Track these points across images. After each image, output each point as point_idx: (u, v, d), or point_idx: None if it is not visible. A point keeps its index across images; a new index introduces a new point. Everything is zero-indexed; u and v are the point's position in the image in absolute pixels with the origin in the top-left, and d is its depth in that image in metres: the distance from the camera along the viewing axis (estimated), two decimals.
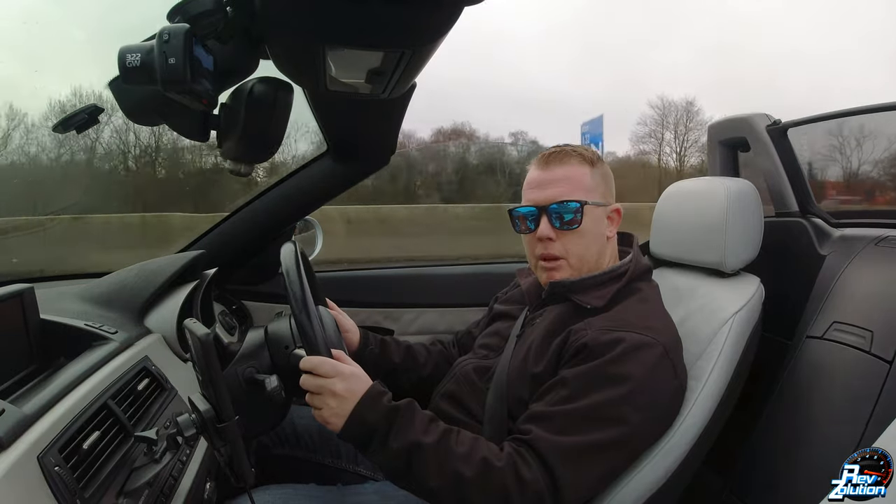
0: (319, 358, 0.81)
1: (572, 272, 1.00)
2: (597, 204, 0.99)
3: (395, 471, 0.82)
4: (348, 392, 0.80)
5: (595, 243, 1.00)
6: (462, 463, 0.79)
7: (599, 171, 1.01)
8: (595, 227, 0.99)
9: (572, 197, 0.97)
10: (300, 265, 0.86)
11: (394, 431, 0.80)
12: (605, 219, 1.01)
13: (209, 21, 0.59)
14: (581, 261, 0.99)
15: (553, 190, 0.98)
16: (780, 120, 1.33)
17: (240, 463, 0.72)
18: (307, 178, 1.49)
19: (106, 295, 1.14)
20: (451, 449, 0.81)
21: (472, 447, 0.82)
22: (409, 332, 1.67)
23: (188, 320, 0.74)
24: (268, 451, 1.18)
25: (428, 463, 0.79)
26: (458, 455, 0.80)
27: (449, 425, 0.85)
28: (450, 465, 0.79)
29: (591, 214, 0.98)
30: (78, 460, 0.69)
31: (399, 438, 0.80)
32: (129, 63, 0.56)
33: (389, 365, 1.16)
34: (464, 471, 0.79)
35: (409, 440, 0.80)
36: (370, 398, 0.81)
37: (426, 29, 0.59)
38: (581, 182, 0.98)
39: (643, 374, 0.85)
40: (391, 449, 0.80)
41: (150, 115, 0.73)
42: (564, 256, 0.99)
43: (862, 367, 0.96)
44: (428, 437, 0.81)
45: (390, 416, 0.81)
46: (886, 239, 1.12)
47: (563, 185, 0.98)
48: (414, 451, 0.79)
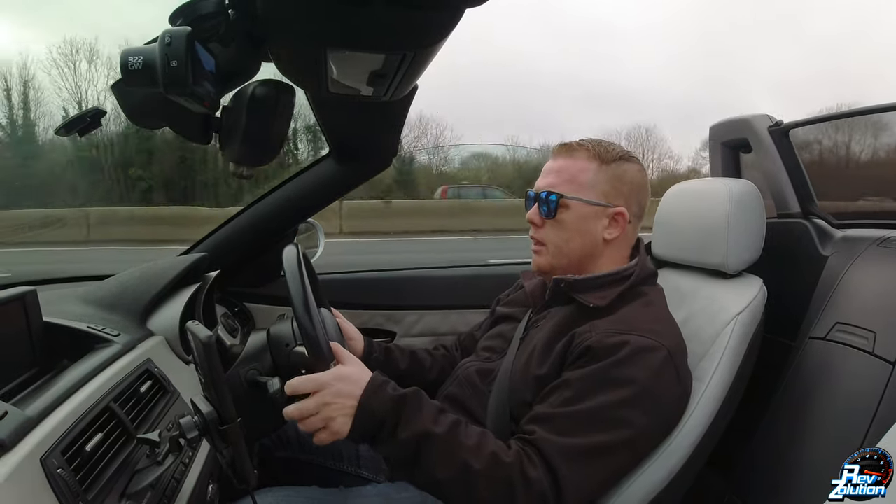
0: (296, 379, 0.80)
1: (551, 260, 1.01)
2: (586, 201, 0.98)
3: (402, 461, 0.81)
4: (340, 396, 0.79)
5: (577, 239, 0.99)
6: (471, 455, 0.79)
7: (609, 170, 0.99)
8: (580, 224, 0.99)
9: (555, 189, 0.99)
10: (302, 267, 0.86)
11: (403, 421, 0.80)
12: (599, 219, 0.99)
13: (211, 24, 0.59)
14: (559, 252, 1.00)
15: (548, 179, 1.01)
16: (781, 121, 1.33)
17: (242, 465, 0.72)
18: (309, 181, 1.50)
19: (108, 297, 1.14)
20: (461, 440, 0.80)
21: (480, 440, 0.81)
22: (411, 335, 1.67)
23: (190, 322, 0.74)
24: (270, 453, 1.18)
25: (438, 453, 0.79)
26: (468, 447, 0.80)
27: (458, 417, 0.84)
28: (459, 457, 0.79)
29: (576, 210, 0.98)
30: (80, 462, 0.69)
31: (409, 428, 0.79)
32: (131, 66, 0.56)
33: (395, 372, 1.16)
34: (473, 463, 0.78)
35: (418, 430, 0.79)
36: (372, 390, 0.80)
37: (428, 31, 0.60)
38: (576, 177, 0.99)
39: (647, 378, 0.85)
40: (400, 439, 0.79)
41: (152, 117, 0.73)
42: (545, 243, 1.01)
43: (864, 368, 0.95)
44: (438, 428, 0.80)
45: (398, 405, 0.80)
46: (889, 240, 1.12)
47: (556, 177, 1.00)
48: (423, 441, 0.79)
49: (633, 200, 1.01)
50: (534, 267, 1.05)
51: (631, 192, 1.01)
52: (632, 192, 1.01)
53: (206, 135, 0.73)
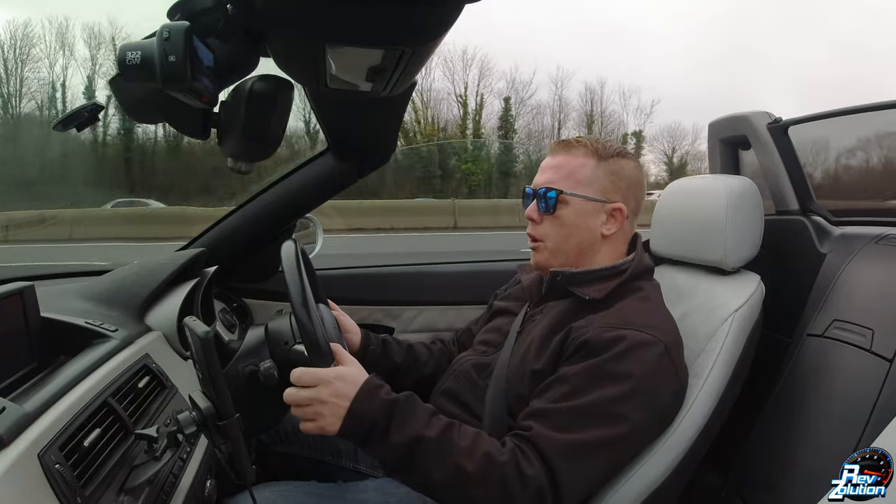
0: (301, 369, 0.81)
1: (549, 257, 1.01)
2: (586, 198, 0.99)
3: (396, 464, 0.82)
4: (336, 396, 0.80)
5: (576, 235, 1.00)
6: (464, 457, 0.79)
7: (606, 166, 1.00)
8: (579, 220, 0.99)
9: (554, 185, 0.99)
10: (300, 263, 0.86)
11: (394, 424, 0.80)
12: (598, 214, 1.00)
13: (209, 19, 0.59)
14: (557, 248, 1.00)
15: (546, 175, 1.01)
16: (780, 118, 1.33)
17: (240, 460, 0.72)
18: (307, 176, 1.49)
19: (106, 293, 1.14)
20: (454, 443, 0.81)
21: (474, 441, 0.82)
22: (409, 330, 1.67)
23: (188, 318, 0.74)
24: (268, 448, 1.18)
25: (431, 457, 0.79)
26: (461, 449, 0.80)
27: (450, 419, 0.85)
28: (452, 459, 0.79)
29: (575, 206, 0.99)
30: (78, 458, 0.69)
31: (401, 432, 0.80)
32: (129, 61, 0.56)
33: (391, 365, 1.17)
34: (466, 465, 0.79)
35: (410, 434, 0.80)
36: (366, 393, 0.81)
37: (426, 27, 0.59)
38: (574, 173, 0.99)
39: (644, 373, 0.85)
40: (393, 442, 0.80)
41: (150, 112, 0.73)
42: (543, 240, 1.01)
43: (862, 366, 0.96)
44: (430, 431, 0.80)
45: (389, 409, 0.81)
46: (887, 237, 1.12)
47: (554, 173, 1.00)
48: (416, 445, 0.79)
49: (630, 196, 1.02)
50: (532, 263, 1.05)
51: (629, 188, 1.02)
52: (629, 187, 1.02)
53: (205, 130, 0.72)
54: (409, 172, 15.01)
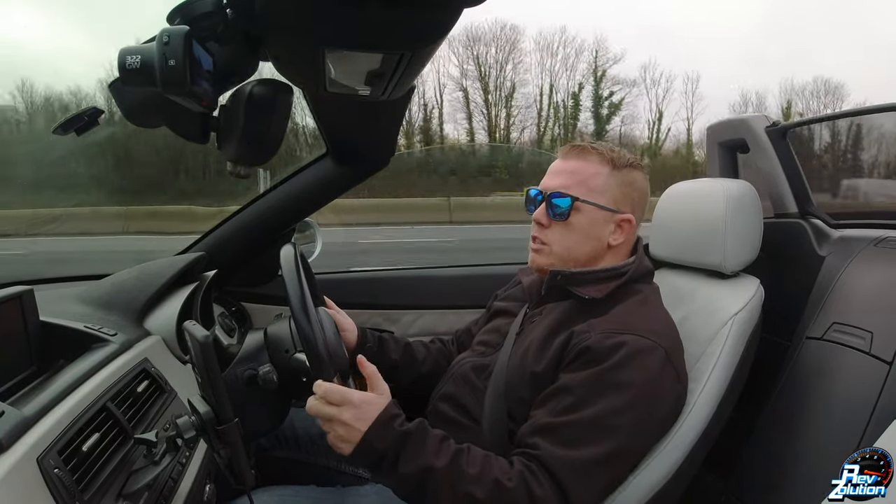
0: (329, 385, 0.81)
1: (554, 261, 1.00)
2: (598, 206, 0.98)
3: (406, 493, 0.83)
4: (356, 420, 0.80)
5: (585, 243, 0.99)
6: (474, 485, 0.79)
7: (620, 176, 0.99)
8: (589, 228, 0.98)
9: (569, 191, 0.97)
10: (299, 267, 0.86)
11: (403, 456, 0.80)
12: (608, 224, 0.99)
13: (209, 23, 0.59)
14: (566, 254, 0.99)
15: (558, 180, 0.99)
16: (779, 121, 1.34)
17: (239, 465, 0.72)
18: (306, 180, 1.49)
19: (105, 297, 1.14)
20: (463, 470, 0.80)
21: (483, 467, 0.81)
22: (409, 334, 1.67)
23: (188, 322, 0.74)
24: (267, 453, 1.18)
25: (440, 487, 0.79)
26: (470, 476, 0.80)
27: (459, 445, 0.84)
28: (462, 488, 0.79)
29: (588, 214, 0.98)
30: (77, 462, 0.69)
31: (409, 463, 0.80)
32: (128, 65, 0.56)
33: (388, 362, 1.16)
34: (475, 492, 0.79)
35: (419, 465, 0.80)
36: (380, 424, 0.81)
37: (425, 31, 0.59)
38: (588, 180, 0.98)
39: (645, 380, 0.85)
40: (401, 473, 0.80)
41: (149, 116, 0.73)
42: (549, 244, 1.00)
43: (862, 368, 0.96)
44: (439, 461, 0.80)
45: (400, 442, 0.81)
46: (886, 240, 1.12)
47: (568, 178, 0.99)
48: (425, 475, 0.80)
49: (639, 208, 1.02)
50: (532, 265, 1.04)
51: (639, 200, 1.01)
52: (640, 199, 1.01)
53: (204, 134, 0.72)
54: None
